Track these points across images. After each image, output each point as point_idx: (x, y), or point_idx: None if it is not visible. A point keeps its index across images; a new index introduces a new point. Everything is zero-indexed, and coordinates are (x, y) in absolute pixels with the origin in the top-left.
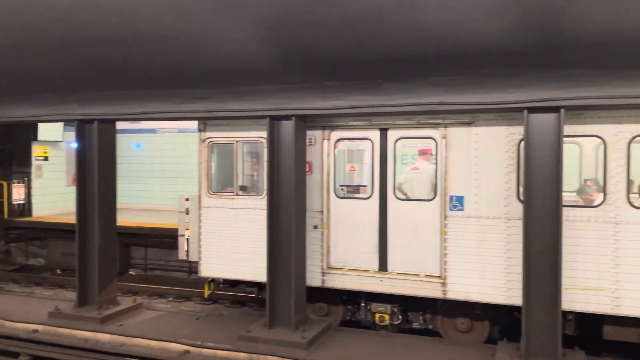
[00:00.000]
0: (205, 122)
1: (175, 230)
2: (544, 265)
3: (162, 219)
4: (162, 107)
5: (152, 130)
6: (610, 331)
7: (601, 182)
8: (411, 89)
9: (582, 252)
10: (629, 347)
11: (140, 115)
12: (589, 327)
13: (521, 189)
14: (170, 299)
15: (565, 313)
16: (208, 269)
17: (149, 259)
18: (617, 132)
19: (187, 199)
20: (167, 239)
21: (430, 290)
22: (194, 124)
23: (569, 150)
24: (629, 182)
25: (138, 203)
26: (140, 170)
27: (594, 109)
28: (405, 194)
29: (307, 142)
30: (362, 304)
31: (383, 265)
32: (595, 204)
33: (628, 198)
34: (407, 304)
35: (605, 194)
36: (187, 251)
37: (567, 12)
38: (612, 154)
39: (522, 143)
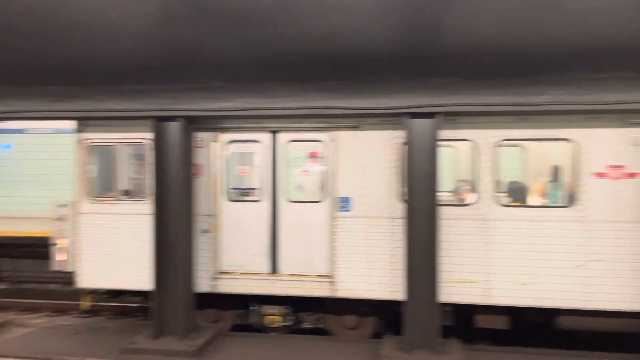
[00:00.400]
0: (84, 122)
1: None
2: (424, 261)
3: (35, 227)
4: (29, 106)
5: (19, 131)
6: (482, 320)
7: (473, 182)
8: (300, 92)
9: (457, 247)
10: (498, 334)
11: (3, 114)
12: (463, 317)
13: (404, 190)
14: (45, 313)
15: (444, 305)
16: (87, 280)
17: (19, 271)
18: (486, 137)
19: (62, 205)
20: (40, 248)
21: (320, 290)
22: (72, 124)
23: (446, 153)
24: (497, 183)
25: (7, 210)
26: (8, 174)
27: (466, 114)
28: (305, 194)
29: (196, 144)
30: (254, 308)
31: (274, 268)
32: (468, 202)
33: (496, 197)
34: (298, 304)
35: (476, 194)
36: (63, 261)
37: (442, 25)
38: (481, 156)
39: (404, 146)
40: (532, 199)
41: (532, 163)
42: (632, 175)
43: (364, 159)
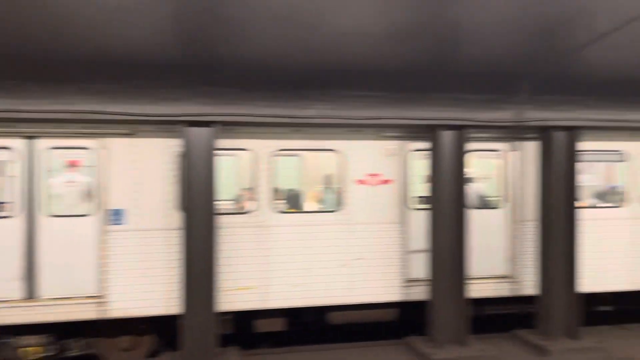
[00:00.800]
0: None
1: None
2: (202, 272)
3: None
4: None
5: None
6: (260, 324)
7: (253, 190)
8: (60, 94)
9: (239, 255)
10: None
11: None
12: (245, 323)
13: (181, 200)
14: None
15: (223, 314)
16: None
17: None
18: (264, 147)
19: None
20: None
21: (89, 312)
22: None
23: (227, 162)
24: (275, 190)
25: None
26: None
27: (244, 125)
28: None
29: None
30: (4, 340)
31: (32, 292)
32: (247, 210)
33: (274, 204)
34: (64, 330)
35: (256, 201)
36: None
37: (218, 36)
38: (260, 165)
39: (182, 155)
40: (308, 205)
41: (308, 171)
42: (386, 181)
43: (139, 168)
